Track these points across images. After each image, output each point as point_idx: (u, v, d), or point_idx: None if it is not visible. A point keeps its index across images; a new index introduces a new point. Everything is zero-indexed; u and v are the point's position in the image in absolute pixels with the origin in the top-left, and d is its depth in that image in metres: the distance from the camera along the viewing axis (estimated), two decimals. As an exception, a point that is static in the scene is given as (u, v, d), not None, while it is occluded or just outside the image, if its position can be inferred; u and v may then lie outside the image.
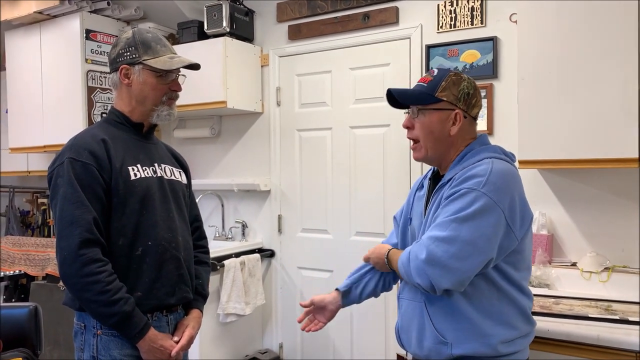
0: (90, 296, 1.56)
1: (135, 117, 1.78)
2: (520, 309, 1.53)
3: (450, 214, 1.44)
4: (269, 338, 3.53)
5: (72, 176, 1.60)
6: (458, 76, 1.57)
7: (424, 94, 1.57)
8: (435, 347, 1.52)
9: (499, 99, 2.70)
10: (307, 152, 3.37)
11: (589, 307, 2.06)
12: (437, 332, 1.51)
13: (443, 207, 1.48)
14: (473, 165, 1.50)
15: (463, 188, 1.45)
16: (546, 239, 2.46)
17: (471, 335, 1.48)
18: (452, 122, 1.56)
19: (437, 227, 1.45)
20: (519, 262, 1.53)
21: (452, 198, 1.46)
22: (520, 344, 1.53)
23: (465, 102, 1.56)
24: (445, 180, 1.55)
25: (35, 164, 4.08)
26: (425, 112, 1.57)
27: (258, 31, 3.52)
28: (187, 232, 1.85)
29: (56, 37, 3.57)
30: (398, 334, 1.67)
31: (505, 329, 1.49)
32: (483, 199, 1.41)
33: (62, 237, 1.58)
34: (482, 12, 2.73)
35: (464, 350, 1.48)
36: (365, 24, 3.09)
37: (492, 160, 1.50)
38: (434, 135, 1.57)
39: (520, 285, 1.54)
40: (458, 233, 1.41)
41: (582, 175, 2.46)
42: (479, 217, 1.41)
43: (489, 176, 1.44)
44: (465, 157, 1.56)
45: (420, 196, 1.69)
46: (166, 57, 1.75)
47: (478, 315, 1.48)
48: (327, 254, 3.29)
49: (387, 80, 3.03)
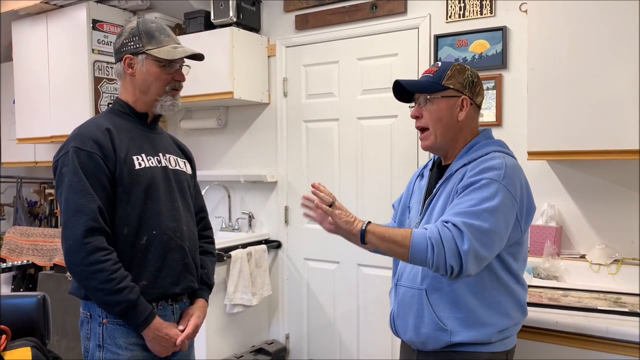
0: (96, 284, 1.57)
1: (139, 107, 1.78)
2: (516, 300, 1.59)
3: (477, 202, 1.46)
4: (276, 329, 3.53)
5: (77, 165, 1.60)
6: (461, 66, 1.65)
7: (432, 82, 1.63)
8: (433, 334, 1.55)
9: (508, 90, 2.67)
10: (314, 143, 3.36)
11: (597, 299, 2.04)
12: (437, 320, 1.54)
13: (465, 195, 1.49)
14: (486, 157, 1.55)
15: (484, 178, 1.48)
16: (555, 231, 2.44)
17: (471, 323, 1.53)
18: (459, 108, 1.62)
19: (470, 215, 1.44)
20: (518, 253, 1.59)
21: (475, 187, 1.48)
22: (510, 331, 1.60)
23: (470, 90, 1.63)
24: (453, 170, 1.60)
25: (42, 155, 4.09)
26: (434, 100, 1.63)
27: (265, 21, 3.50)
28: (191, 222, 1.85)
29: (63, 27, 3.57)
30: (393, 321, 1.69)
31: (502, 318, 1.55)
32: (504, 191, 1.47)
33: (67, 226, 1.59)
34: (491, 2, 2.70)
35: (462, 337, 1.53)
36: (373, 13, 3.06)
37: (502, 154, 1.56)
38: (443, 122, 1.63)
39: (518, 275, 1.60)
40: (489, 224, 1.44)
41: (591, 166, 2.44)
42: (503, 208, 1.47)
43: (505, 170, 1.50)
44: (472, 148, 1.62)
45: (421, 186, 1.74)
46: (170, 47, 1.75)
47: (478, 304, 1.53)
48: (333, 245, 3.27)
49: (395, 71, 3.01)
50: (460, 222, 1.43)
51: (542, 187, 2.51)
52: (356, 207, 3.19)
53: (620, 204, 2.38)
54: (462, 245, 1.41)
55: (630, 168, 2.34)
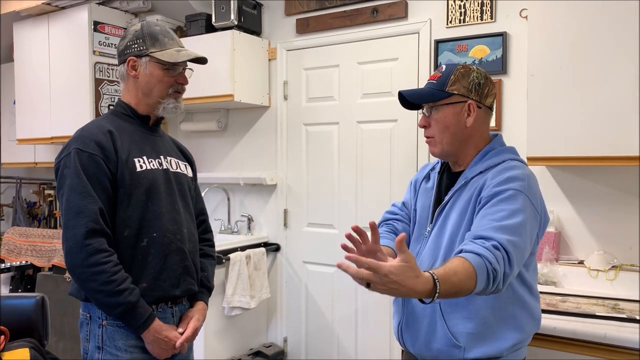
0: (96, 286, 1.57)
1: (141, 109, 1.79)
2: (530, 312, 1.52)
3: (510, 214, 1.37)
4: (274, 332, 3.53)
5: (79, 167, 1.60)
6: (466, 68, 1.56)
7: (435, 90, 1.56)
8: (446, 350, 1.49)
9: (508, 95, 2.68)
10: (314, 147, 3.36)
11: (596, 305, 2.04)
12: (450, 335, 1.48)
13: (493, 205, 1.41)
14: (505, 166, 1.50)
15: (510, 189, 1.42)
16: (553, 237, 2.44)
17: (485, 339, 1.46)
18: (466, 114, 1.54)
19: (510, 231, 1.35)
20: (532, 264, 1.54)
21: (502, 197, 1.41)
22: (522, 344, 1.54)
23: (477, 93, 1.55)
24: (469, 178, 1.53)
25: (42, 156, 4.09)
26: (439, 108, 1.56)
27: (266, 24, 3.51)
28: (192, 225, 1.85)
29: (64, 28, 3.57)
30: (400, 333, 1.62)
31: (517, 333, 1.49)
32: (529, 204, 1.43)
33: (68, 227, 1.59)
34: (491, 7, 2.71)
35: (476, 354, 1.46)
36: (374, 18, 3.07)
37: (521, 164, 1.53)
38: (450, 130, 1.55)
39: (531, 286, 1.54)
40: (523, 240, 1.38)
41: (590, 172, 2.44)
42: (531, 222, 1.43)
43: (528, 180, 1.46)
44: (487, 155, 1.56)
45: (428, 189, 1.67)
46: (173, 49, 1.76)
47: (494, 319, 1.47)
48: (332, 248, 3.28)
49: (395, 75, 3.02)
50: (506, 242, 1.33)
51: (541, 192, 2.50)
52: (355, 211, 3.20)
53: (619, 210, 2.39)
54: (509, 270, 1.32)
55: (628, 174, 2.35)
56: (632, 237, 2.35)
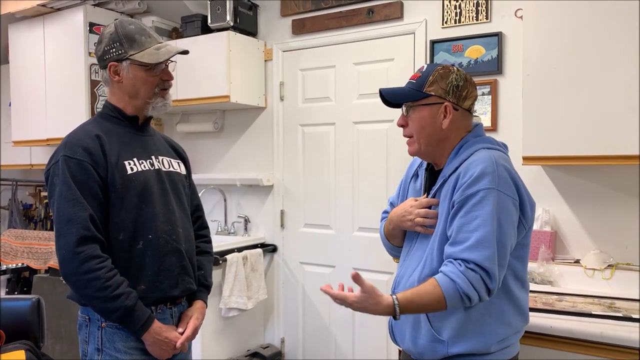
0: (92, 293, 1.56)
1: (129, 110, 1.76)
2: (518, 307, 1.53)
3: (484, 221, 1.40)
4: (271, 333, 3.53)
5: (67, 174, 1.59)
6: (446, 69, 1.56)
7: (413, 90, 1.57)
8: (430, 345, 1.50)
9: (504, 95, 2.68)
10: (310, 147, 3.37)
11: (592, 304, 2.05)
12: (432, 331, 1.49)
13: (467, 214, 1.43)
14: (474, 160, 1.48)
15: (481, 189, 1.42)
16: (549, 236, 2.45)
17: (469, 334, 1.47)
18: (442, 116, 1.54)
19: (484, 246, 1.39)
20: (526, 256, 1.55)
21: (474, 202, 1.42)
22: (511, 339, 1.54)
23: (454, 95, 1.54)
24: (447, 175, 1.53)
25: (38, 157, 4.08)
26: (416, 109, 1.57)
27: (262, 25, 3.51)
28: (188, 224, 1.84)
29: (60, 30, 3.56)
30: (391, 330, 1.65)
31: (502, 327, 1.50)
32: (503, 198, 1.43)
33: (60, 236, 1.58)
34: (487, 8, 2.72)
35: (459, 349, 1.47)
36: (370, 18, 3.08)
37: (489, 151, 1.50)
38: (426, 130, 1.56)
39: (523, 280, 1.55)
40: (503, 240, 1.41)
41: (586, 172, 2.45)
42: (508, 217, 1.43)
43: (498, 171, 1.44)
44: (460, 150, 1.56)
45: (416, 188, 1.69)
46: (152, 48, 1.72)
47: (478, 314, 1.47)
48: (329, 249, 3.29)
49: (391, 76, 3.02)
50: (482, 259, 1.38)
51: (537, 192, 2.50)
52: (352, 212, 3.20)
53: (614, 209, 2.40)
54: (491, 284, 1.39)
55: (624, 173, 2.36)
56: (627, 236, 2.36)
